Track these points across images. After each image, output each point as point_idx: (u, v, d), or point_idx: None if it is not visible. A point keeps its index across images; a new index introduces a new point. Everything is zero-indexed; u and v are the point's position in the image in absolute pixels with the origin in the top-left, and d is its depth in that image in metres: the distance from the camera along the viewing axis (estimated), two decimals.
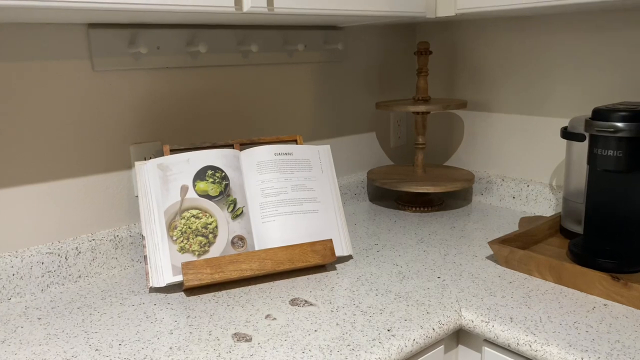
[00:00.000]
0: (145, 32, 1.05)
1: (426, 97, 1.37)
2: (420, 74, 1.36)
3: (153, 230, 0.96)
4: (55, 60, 0.96)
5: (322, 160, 1.11)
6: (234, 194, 1.02)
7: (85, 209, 1.04)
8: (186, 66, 1.13)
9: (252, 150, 1.06)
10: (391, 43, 1.53)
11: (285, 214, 1.03)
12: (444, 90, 1.53)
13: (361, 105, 1.49)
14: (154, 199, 0.97)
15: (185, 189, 0.99)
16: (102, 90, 1.03)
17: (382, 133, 1.56)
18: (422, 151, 1.41)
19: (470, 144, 1.49)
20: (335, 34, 1.36)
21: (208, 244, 0.97)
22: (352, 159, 1.49)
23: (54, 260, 0.98)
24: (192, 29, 1.11)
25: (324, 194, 1.08)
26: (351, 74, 1.45)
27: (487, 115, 1.44)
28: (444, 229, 1.25)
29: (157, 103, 1.10)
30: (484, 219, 1.32)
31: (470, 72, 1.46)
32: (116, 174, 1.07)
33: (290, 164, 1.07)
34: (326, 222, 1.06)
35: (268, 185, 1.04)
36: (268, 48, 1.24)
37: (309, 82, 1.36)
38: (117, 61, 1.03)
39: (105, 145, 1.05)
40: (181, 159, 1.01)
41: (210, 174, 1.01)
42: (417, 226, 1.28)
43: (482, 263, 1.05)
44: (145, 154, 1.10)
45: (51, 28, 0.95)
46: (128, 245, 1.08)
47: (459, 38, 1.46)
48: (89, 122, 1.02)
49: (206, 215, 0.98)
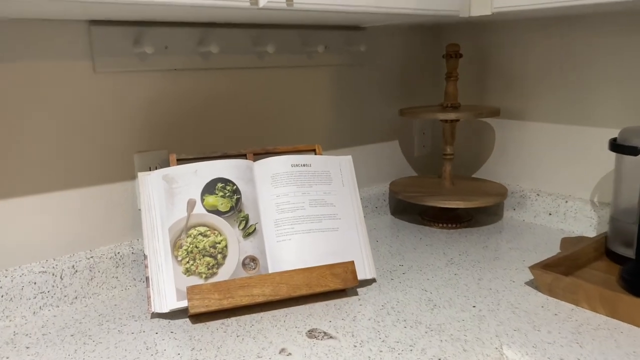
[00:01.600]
0: (151, 30, 0.96)
1: (456, 104, 1.26)
2: (450, 78, 1.26)
3: (156, 249, 0.87)
4: (52, 60, 0.88)
5: (343, 172, 1.01)
6: (246, 209, 0.92)
7: (83, 223, 0.95)
8: (196, 68, 1.03)
9: (267, 161, 0.96)
10: (416, 45, 1.42)
11: (303, 232, 0.93)
12: (474, 97, 1.42)
13: (384, 112, 1.38)
14: (158, 215, 0.88)
15: (192, 204, 0.89)
16: (104, 94, 0.94)
17: (406, 142, 1.45)
18: (450, 162, 1.30)
19: (501, 155, 1.38)
20: (357, 35, 1.26)
21: (216, 265, 0.87)
22: (373, 169, 1.39)
23: (48, 279, 0.89)
24: (203, 27, 1.02)
25: (344, 210, 0.98)
26: (374, 77, 1.34)
27: (521, 123, 1.32)
28: (475, 248, 1.14)
29: (163, 108, 1.01)
30: (517, 237, 1.21)
31: (502, 77, 1.35)
32: (118, 184, 0.98)
33: (308, 177, 0.97)
34: (347, 241, 0.96)
35: (284, 200, 0.94)
36: (285, 49, 1.15)
37: (328, 86, 1.26)
38: (120, 62, 0.94)
39: (107, 153, 0.96)
40: (188, 170, 0.91)
41: (220, 187, 0.91)
42: (445, 244, 1.17)
43: (521, 290, 0.93)
44: (150, 164, 1.01)
45: (49, 25, 0.87)
46: (130, 263, 0.98)
47: (490, 40, 1.36)
48: (89, 128, 0.93)
49: (215, 233, 0.89)
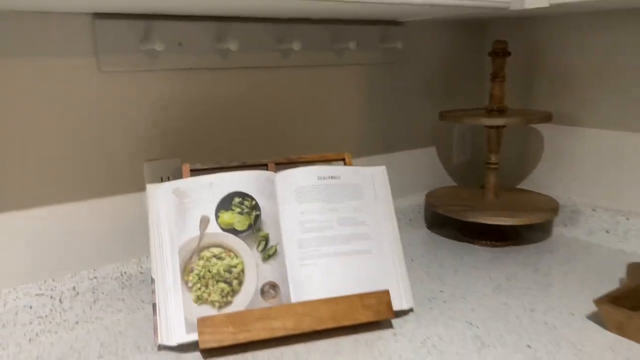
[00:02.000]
0: (163, 24, 0.86)
1: (502, 108, 1.13)
2: (496, 79, 1.12)
3: (164, 272, 0.76)
4: (53, 57, 0.78)
5: (377, 185, 0.89)
6: (265, 228, 0.81)
7: (86, 240, 0.85)
8: (213, 67, 0.93)
9: (290, 172, 0.85)
10: (458, 42, 1.29)
11: (330, 255, 0.82)
12: (519, 99, 1.28)
13: (421, 115, 1.26)
14: (167, 233, 0.78)
15: (205, 221, 0.79)
16: (110, 95, 0.84)
17: (444, 148, 1.32)
18: (495, 172, 1.16)
19: (551, 164, 1.24)
20: (394, 30, 1.14)
21: (231, 292, 0.77)
22: (408, 178, 1.27)
23: (46, 303, 0.80)
24: (221, 21, 0.91)
25: (378, 229, 0.86)
26: (410, 77, 1.22)
27: (575, 130, 1.18)
28: (524, 271, 1.01)
29: (176, 111, 0.91)
30: (571, 258, 1.07)
31: (553, 78, 1.21)
32: (126, 196, 0.88)
33: (336, 191, 0.86)
34: (381, 265, 0.84)
35: (309, 218, 0.83)
36: (313, 46, 1.03)
37: (360, 87, 1.14)
38: (129, 60, 0.84)
39: (114, 162, 0.86)
40: (202, 183, 0.81)
41: (237, 202, 0.80)
42: (490, 266, 1.04)
43: (583, 325, 0.80)
44: (161, 173, 0.91)
45: (48, 18, 0.77)
46: (138, 284, 0.89)
47: (540, 36, 1.22)
48: (94, 134, 0.83)
49: (230, 256, 0.78)
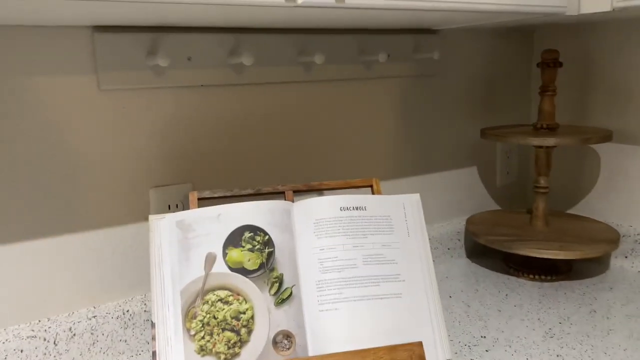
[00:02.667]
0: (170, 37, 0.77)
1: (553, 125, 1.00)
2: (546, 93, 1.00)
3: (165, 318, 0.67)
4: (48, 75, 0.71)
5: (409, 217, 0.78)
6: (280, 267, 0.71)
7: (85, 274, 0.77)
8: (226, 84, 0.84)
9: (309, 202, 0.75)
10: (502, 52, 1.17)
11: (354, 299, 0.71)
12: (572, 115, 1.15)
13: (460, 133, 1.14)
14: (169, 273, 0.69)
15: (211, 260, 0.70)
16: (111, 116, 0.76)
17: (486, 168, 1.20)
18: (544, 197, 1.04)
19: (609, 188, 1.10)
20: (428, 40, 1.03)
21: (239, 343, 0.67)
22: (446, 202, 1.15)
23: (38, 346, 0.72)
24: (234, 33, 0.83)
25: (410, 268, 0.75)
26: (448, 91, 1.10)
27: (635, 149, 1.04)
28: (579, 313, 0.88)
29: (186, 133, 0.83)
30: (635, 298, 0.93)
31: (610, 91, 1.07)
32: (130, 227, 0.80)
33: (362, 224, 0.75)
34: (413, 312, 0.73)
35: (329, 256, 0.73)
36: (337, 59, 0.93)
37: (391, 103, 1.03)
38: (132, 77, 0.76)
39: (117, 189, 0.78)
40: (209, 215, 0.71)
41: (247, 237, 0.71)
42: (539, 306, 0.91)
43: None
44: (169, 200, 0.82)
45: (43, 32, 0.70)
46: (142, 323, 0.80)
47: (596, 44, 1.08)
48: (94, 158, 0.76)
49: (239, 300, 0.68)
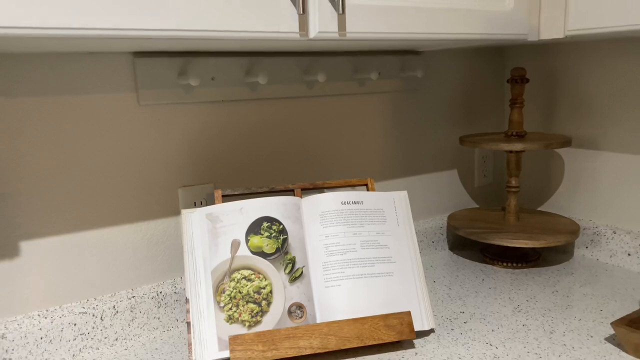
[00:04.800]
0: (197, 61, 0.92)
1: (521, 133, 1.16)
2: (515, 105, 1.16)
3: (198, 293, 0.82)
4: (96, 93, 0.85)
5: (398, 210, 0.93)
6: (292, 251, 0.86)
7: (125, 262, 0.91)
8: (243, 99, 0.99)
9: (315, 198, 0.90)
10: (477, 69, 1.33)
11: (354, 277, 0.86)
12: (540, 124, 1.31)
13: (442, 140, 1.29)
14: (201, 256, 0.83)
15: (236, 245, 0.84)
16: (148, 127, 0.91)
17: (465, 171, 1.35)
18: (516, 195, 1.19)
19: (572, 187, 1.26)
20: (413, 60, 1.18)
21: (261, 312, 0.81)
22: (430, 200, 1.30)
23: (88, 321, 0.86)
24: (250, 57, 0.97)
25: (400, 252, 0.90)
26: (431, 104, 1.26)
27: (595, 153, 1.20)
28: (544, 293, 1.03)
29: (210, 141, 0.97)
30: (592, 280, 1.09)
31: (572, 103, 1.23)
32: (162, 221, 0.94)
33: (360, 215, 0.90)
34: (403, 287, 0.88)
35: (333, 241, 0.87)
36: (336, 77, 1.09)
37: (382, 115, 1.19)
38: (165, 94, 0.90)
39: (151, 188, 0.92)
40: (233, 208, 0.86)
41: (265, 226, 0.85)
42: (510, 287, 1.06)
43: (601, 349, 0.82)
44: (195, 198, 0.96)
45: (93, 58, 0.84)
46: (172, 303, 0.94)
47: (559, 63, 1.25)
48: (133, 163, 0.90)
49: (259, 277, 0.83)
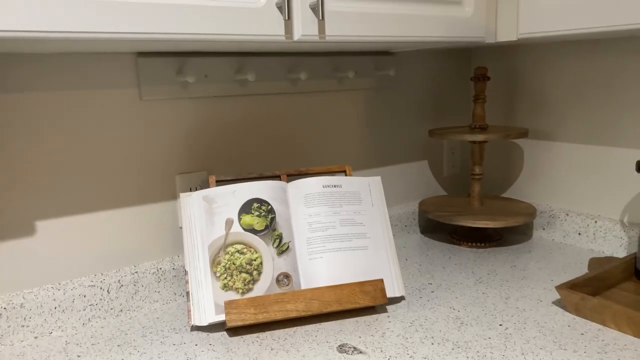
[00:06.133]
0: (193, 60, 1.03)
1: (484, 125, 1.29)
2: (477, 100, 1.29)
3: (196, 265, 0.92)
4: (102, 89, 0.95)
5: (373, 193, 1.05)
6: (280, 228, 0.97)
7: (128, 241, 1.01)
8: (234, 95, 1.10)
9: (300, 182, 1.01)
10: (445, 68, 1.46)
11: (333, 250, 0.98)
12: (502, 118, 1.44)
13: (413, 133, 1.42)
14: (199, 233, 0.94)
15: (230, 223, 0.95)
16: (149, 120, 1.01)
17: (435, 162, 1.48)
18: (479, 182, 1.32)
19: (530, 175, 1.40)
20: (386, 60, 1.31)
21: (252, 281, 0.92)
22: (403, 188, 1.43)
23: (96, 293, 0.96)
24: (240, 56, 1.09)
25: (374, 229, 1.02)
26: (403, 100, 1.39)
27: (550, 144, 1.34)
28: (503, 267, 1.16)
29: (204, 132, 1.08)
30: (547, 257, 1.22)
31: (530, 99, 1.37)
32: (161, 204, 1.04)
33: (339, 197, 1.02)
34: (376, 259, 1.00)
35: (315, 220, 0.99)
36: (317, 75, 1.20)
37: (359, 110, 1.31)
38: (165, 90, 1.01)
39: (151, 175, 1.03)
40: (227, 191, 0.97)
41: (256, 207, 0.96)
42: (473, 264, 1.19)
43: (548, 309, 0.95)
44: (191, 184, 1.07)
45: (99, 57, 0.94)
46: (171, 279, 1.04)
47: (518, 63, 1.38)
48: (135, 152, 1.00)
49: (251, 251, 0.94)
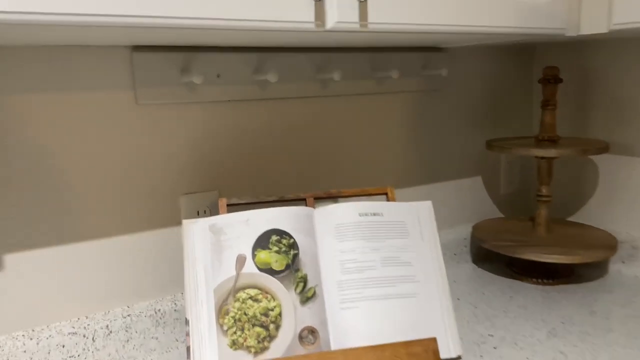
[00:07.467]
0: (201, 56, 0.84)
1: (554, 137, 1.06)
2: (547, 107, 1.06)
3: (199, 314, 0.73)
4: (89, 90, 0.77)
5: (422, 222, 0.84)
6: (304, 268, 0.77)
7: (120, 276, 0.83)
8: (252, 98, 0.90)
9: (330, 208, 0.81)
10: (506, 68, 1.24)
11: (373, 298, 0.77)
12: (571, 127, 1.21)
13: (466, 144, 1.20)
14: (202, 272, 0.74)
15: (242, 260, 0.75)
16: (147, 128, 0.83)
17: (490, 177, 1.26)
18: (547, 205, 1.10)
19: (607, 196, 1.16)
20: (437, 57, 1.09)
21: (268, 337, 0.73)
22: (453, 209, 1.21)
23: (78, 342, 0.78)
24: (259, 52, 0.89)
25: (424, 270, 0.81)
26: (455, 105, 1.17)
27: (631, 160, 1.11)
28: (580, 314, 0.94)
29: (214, 144, 0.89)
30: (633, 300, 0.99)
31: (608, 105, 1.14)
32: (161, 231, 0.86)
33: (379, 229, 0.81)
34: (427, 310, 0.79)
35: (350, 257, 0.79)
36: (353, 75, 1.00)
37: (402, 116, 1.10)
38: (166, 92, 0.82)
39: (149, 195, 0.84)
40: (239, 219, 0.77)
41: (274, 240, 0.77)
42: (542, 307, 0.97)
43: None
44: (198, 207, 0.88)
45: (86, 51, 0.76)
46: (172, 322, 0.86)
47: (595, 62, 1.15)
48: (130, 168, 0.82)
49: (267, 298, 0.74)
